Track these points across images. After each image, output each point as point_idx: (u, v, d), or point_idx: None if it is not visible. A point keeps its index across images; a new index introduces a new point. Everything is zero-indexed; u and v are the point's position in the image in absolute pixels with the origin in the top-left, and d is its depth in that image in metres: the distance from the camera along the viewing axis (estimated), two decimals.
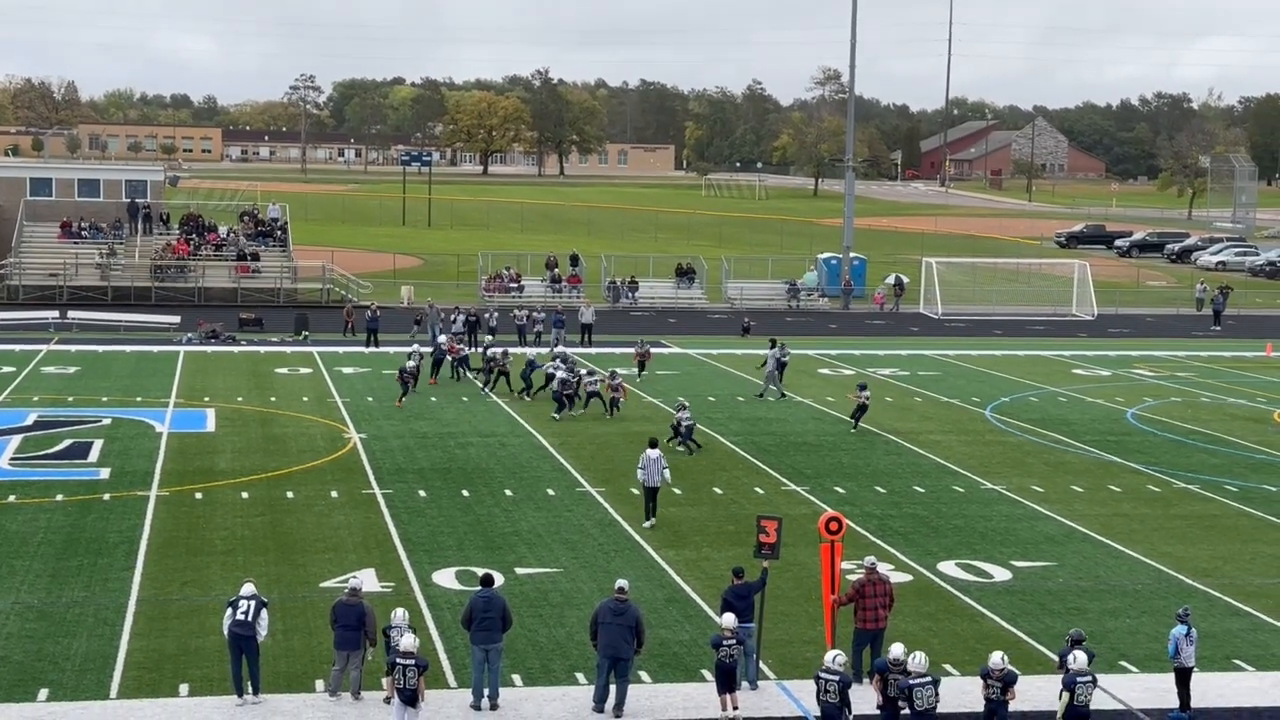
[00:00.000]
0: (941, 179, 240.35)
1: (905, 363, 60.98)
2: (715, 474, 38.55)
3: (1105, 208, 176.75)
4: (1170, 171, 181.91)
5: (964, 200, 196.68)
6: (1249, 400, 52.91)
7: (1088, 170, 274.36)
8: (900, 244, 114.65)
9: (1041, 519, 34.41)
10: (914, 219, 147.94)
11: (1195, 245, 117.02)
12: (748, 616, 23.02)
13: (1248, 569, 30.47)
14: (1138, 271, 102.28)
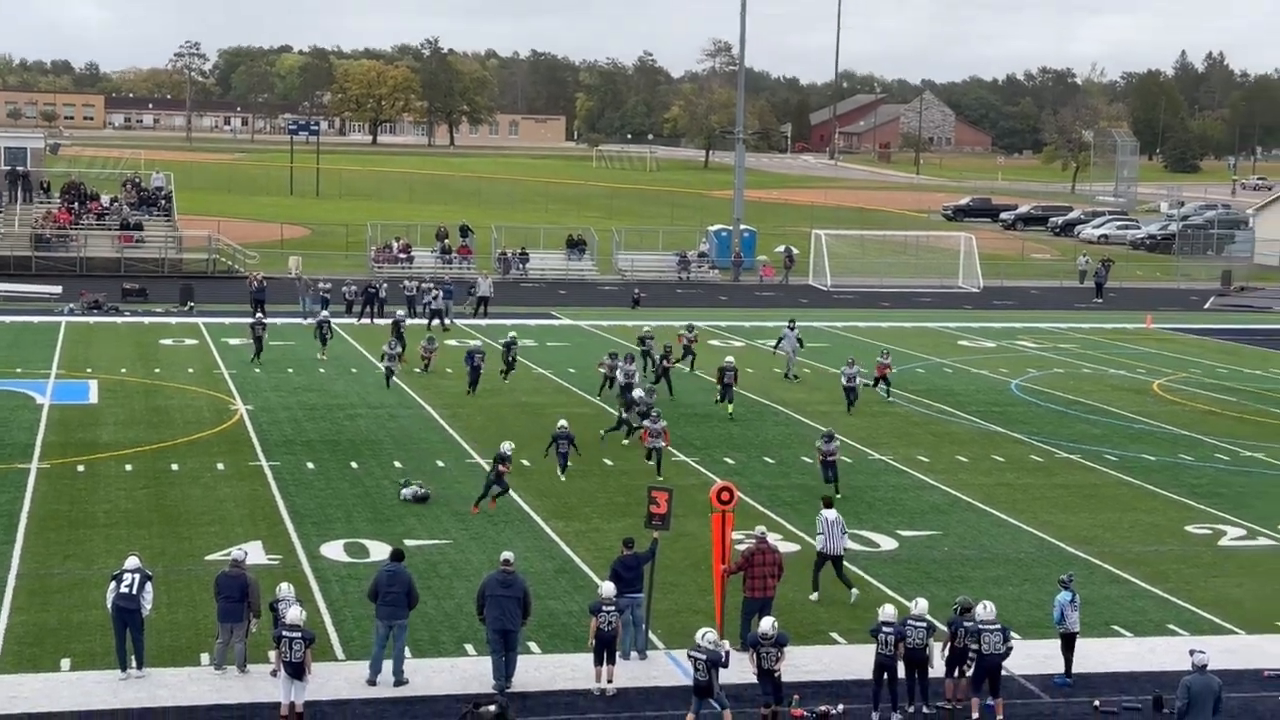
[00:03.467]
0: (831, 152, 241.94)
1: None
2: (605, 445, 38.56)
3: (991, 181, 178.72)
4: (1054, 146, 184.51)
5: (853, 173, 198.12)
6: (1129, 371, 53.84)
7: (974, 144, 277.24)
8: (790, 216, 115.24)
9: (927, 489, 34.82)
10: (803, 191, 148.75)
11: (1078, 218, 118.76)
12: (636, 587, 23.09)
13: (1126, 537, 31.06)
14: (1022, 244, 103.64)
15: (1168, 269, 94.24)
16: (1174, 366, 55.25)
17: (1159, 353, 58.88)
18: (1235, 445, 40.66)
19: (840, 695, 21.77)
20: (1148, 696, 21.82)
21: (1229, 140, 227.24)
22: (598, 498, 33.11)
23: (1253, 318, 73.61)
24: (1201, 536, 31.30)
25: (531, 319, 63.89)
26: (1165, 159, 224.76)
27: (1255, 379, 52.61)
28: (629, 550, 23.43)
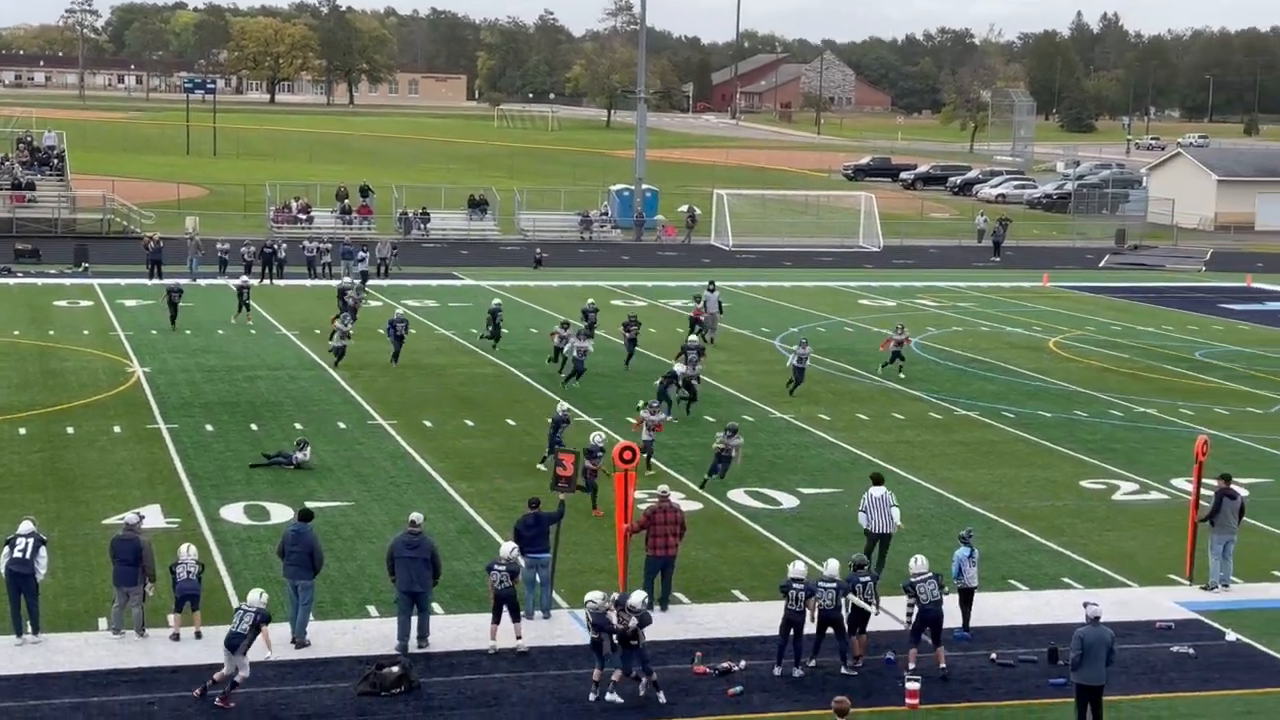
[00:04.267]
0: (732, 111, 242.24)
1: (697, 293, 61.37)
2: (509, 406, 38.54)
3: (891, 141, 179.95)
4: (953, 106, 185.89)
5: (754, 133, 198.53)
6: (1026, 329, 54.52)
7: (874, 104, 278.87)
8: (692, 176, 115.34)
9: (828, 446, 35.10)
10: (705, 151, 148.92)
11: (976, 178, 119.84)
12: (540, 546, 23.09)
13: (1023, 492, 31.50)
14: (922, 204, 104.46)
15: (1064, 228, 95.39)
16: (1070, 324, 56.02)
17: (1055, 310, 59.66)
18: (1128, 401, 41.32)
19: (743, 652, 21.94)
20: (1043, 649, 22.17)
21: (1123, 100, 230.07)
22: (501, 458, 33.07)
23: (1146, 275, 74.75)
24: (1096, 491, 31.82)
25: (433, 279, 63.57)
26: (1061, 119, 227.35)
27: (1148, 336, 53.47)
28: (532, 509, 23.42)
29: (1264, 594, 25.26)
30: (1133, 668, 21.73)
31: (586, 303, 48.32)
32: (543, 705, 19.93)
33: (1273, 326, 56.92)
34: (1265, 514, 29.50)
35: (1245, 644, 23.00)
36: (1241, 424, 38.57)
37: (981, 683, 21.25)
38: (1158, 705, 20.67)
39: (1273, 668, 22.12)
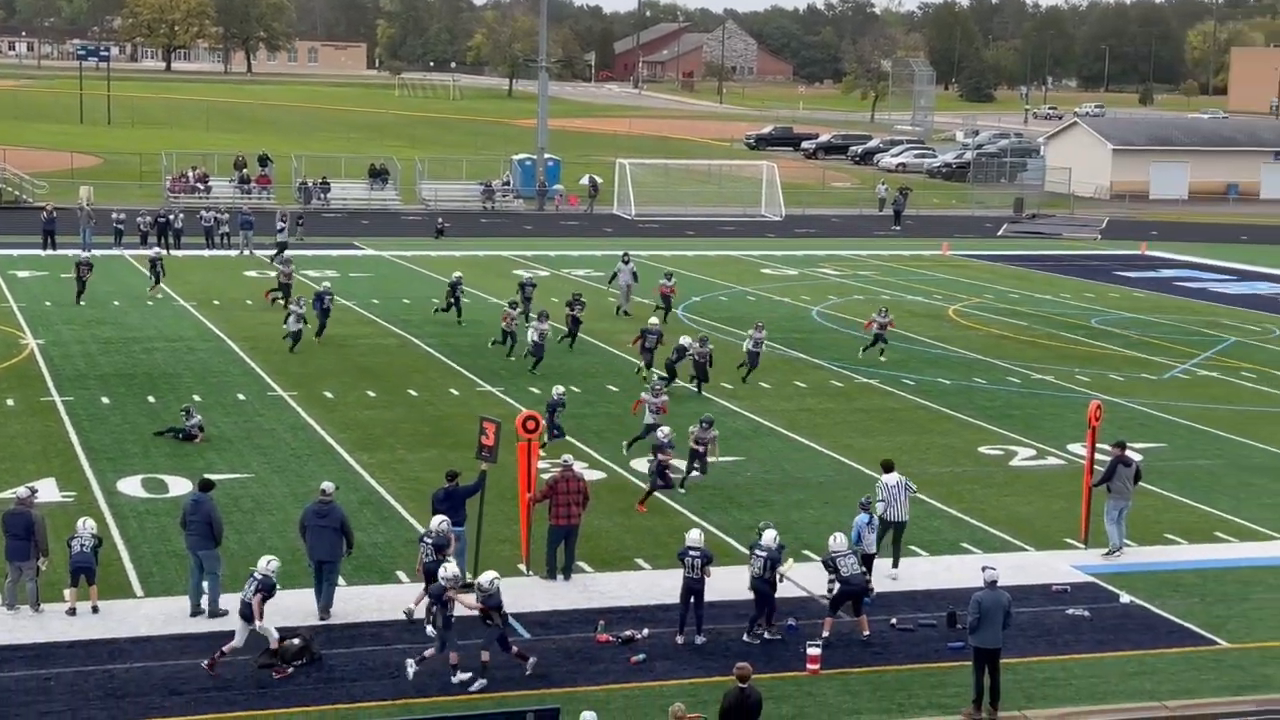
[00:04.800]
0: (635, 81, 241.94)
1: (600, 263, 61.43)
2: (410, 376, 38.35)
3: (793, 110, 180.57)
4: (854, 75, 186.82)
5: (657, 102, 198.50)
6: (926, 297, 54.98)
7: (776, 73, 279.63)
8: (594, 145, 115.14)
9: (731, 415, 35.21)
10: (608, 120, 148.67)
11: (877, 147, 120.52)
12: (455, 519, 22.98)
13: (923, 459, 31.79)
14: (823, 173, 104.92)
15: (963, 197, 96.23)
16: (969, 292, 56.57)
17: (955, 279, 60.21)
18: (1026, 368, 41.81)
19: (646, 620, 22.01)
20: (942, 613, 22.44)
21: (1021, 70, 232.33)
22: (401, 429, 32.92)
23: (1043, 244, 75.59)
24: (994, 457, 32.19)
25: (334, 249, 63.05)
26: (961, 88, 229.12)
27: (1045, 303, 54.11)
28: (450, 482, 23.33)
29: (1157, 557, 25.70)
30: (1029, 630, 22.04)
31: (524, 277, 47.70)
32: (444, 676, 19.88)
33: (1167, 294, 57.81)
34: (1158, 478, 30.00)
35: (1139, 605, 23.40)
36: (1136, 390, 39.15)
37: (881, 647, 21.46)
38: (1053, 667, 20.99)
39: (1165, 628, 22.54)
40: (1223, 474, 31.15)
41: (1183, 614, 23.07)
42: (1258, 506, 28.92)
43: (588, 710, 16.53)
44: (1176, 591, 24.04)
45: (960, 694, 19.70)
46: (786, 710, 19.26)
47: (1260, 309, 54.33)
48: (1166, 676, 20.77)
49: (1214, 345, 46.40)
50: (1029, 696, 19.97)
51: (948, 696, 19.86)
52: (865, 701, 19.68)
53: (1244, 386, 40.28)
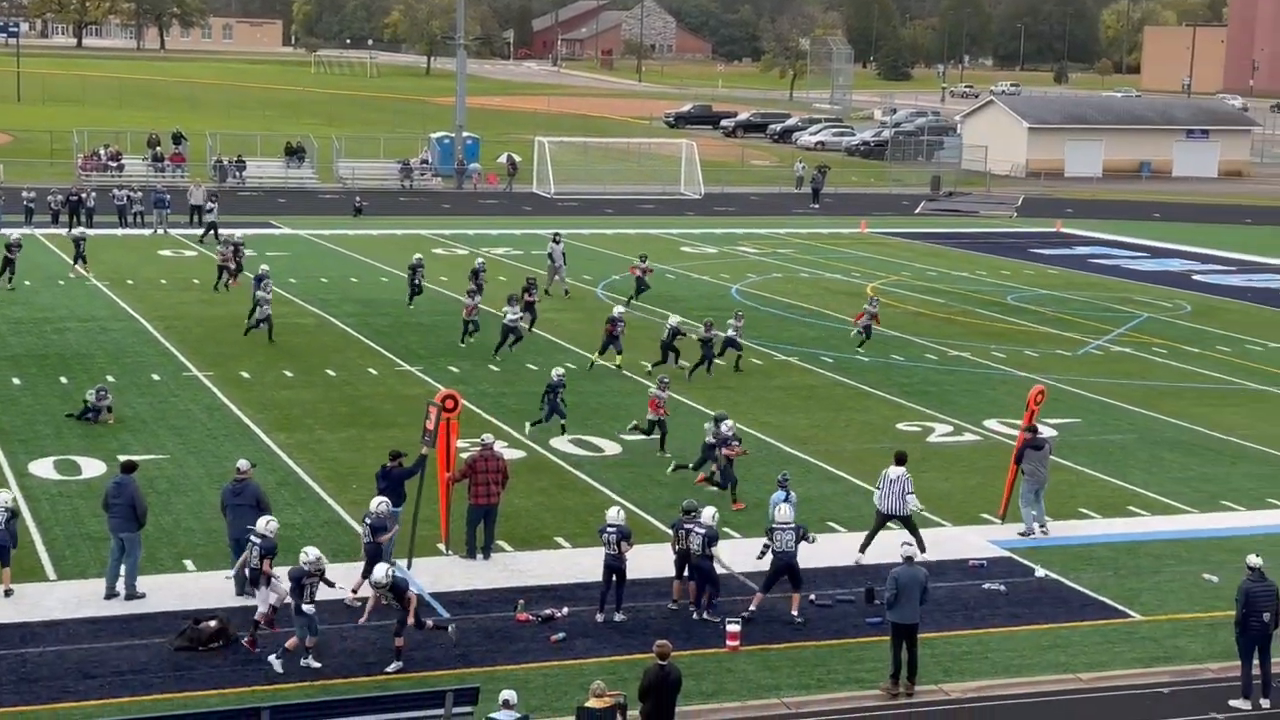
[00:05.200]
0: (553, 58, 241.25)
1: (519, 242, 61.33)
2: (329, 355, 38.10)
3: (712, 88, 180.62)
4: (772, 54, 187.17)
5: (575, 80, 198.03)
6: (845, 275, 55.25)
7: (695, 51, 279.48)
8: (513, 123, 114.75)
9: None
10: (526, 98, 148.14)
11: (796, 126, 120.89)
12: (396, 499, 22.87)
13: (842, 436, 31.99)
14: (742, 151, 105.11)
15: (881, 175, 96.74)
16: (887, 270, 56.90)
17: (873, 256, 60.54)
18: (943, 345, 42.13)
19: (565, 599, 22.02)
20: (860, 589, 22.60)
21: (938, 48, 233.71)
22: (320, 409, 32.71)
23: (960, 222, 76.15)
24: (911, 433, 32.42)
25: (250, 228, 62.40)
26: (878, 67, 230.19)
27: (961, 281, 54.53)
28: (392, 462, 23.26)
29: (1071, 531, 26.00)
30: (946, 605, 22.24)
31: (476, 262, 46.60)
32: (364, 655, 19.81)
33: (1081, 271, 58.42)
34: (1071, 453, 30.34)
35: (1053, 579, 23.68)
36: (1051, 366, 39.54)
37: (801, 623, 21.57)
38: (969, 641, 21.20)
39: (1078, 602, 22.82)
40: (1135, 449, 31.55)
41: (1096, 587, 23.36)
42: (1169, 481, 29.32)
43: (508, 689, 16.51)
44: (1090, 565, 24.33)
45: (878, 669, 19.85)
46: (706, 686, 19.34)
47: (1172, 285, 55.03)
48: (1081, 649, 21.02)
49: (1127, 322, 46.95)
50: (946, 670, 20.16)
51: (865, 671, 20.00)
52: (784, 677, 19.79)
53: (1155, 362, 40.80)
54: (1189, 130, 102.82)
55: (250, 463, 22.66)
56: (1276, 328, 46.52)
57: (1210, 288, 54.78)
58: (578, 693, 18.10)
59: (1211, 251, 64.76)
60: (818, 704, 19.13)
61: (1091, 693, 19.76)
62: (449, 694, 17.15)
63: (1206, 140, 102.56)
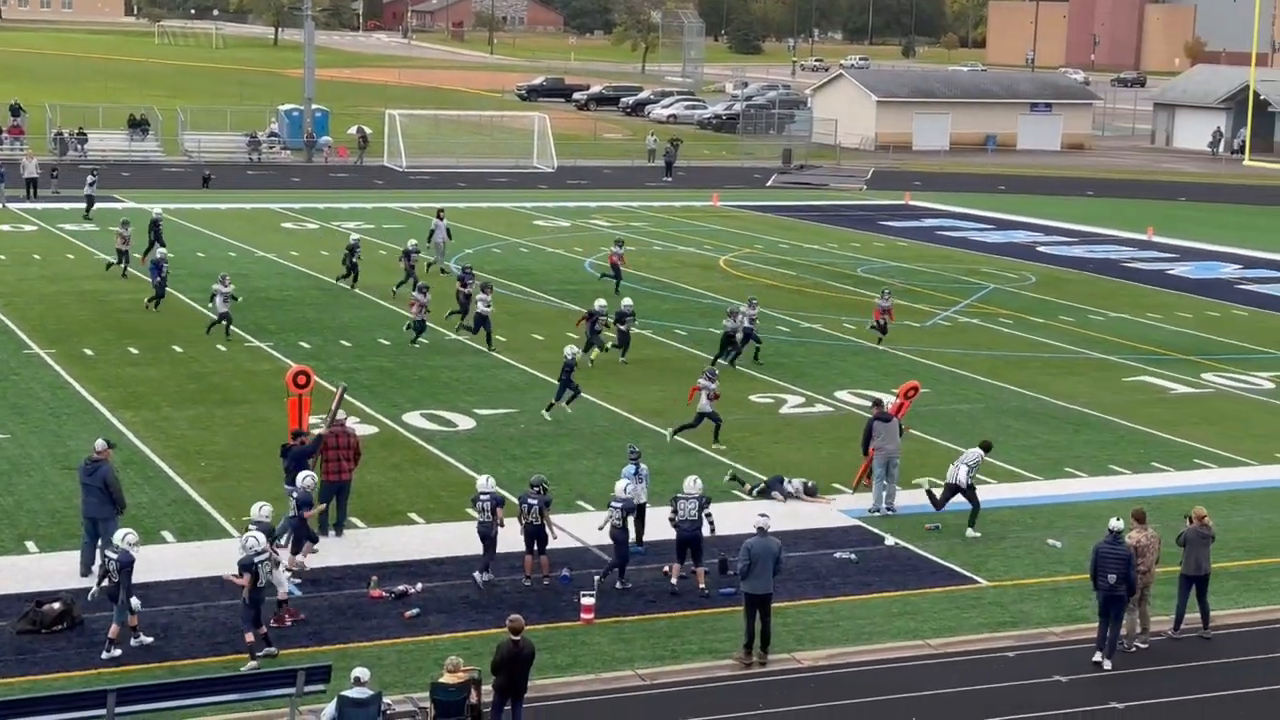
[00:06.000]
0: (404, 30, 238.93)
1: (370, 216, 60.74)
2: (175, 332, 37.45)
3: (564, 61, 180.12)
4: (624, 26, 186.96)
5: (426, 52, 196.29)
6: (697, 248, 55.48)
7: (546, 24, 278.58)
8: (363, 96, 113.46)
9: (504, 367, 35.16)
10: (376, 71, 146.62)
11: (648, 99, 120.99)
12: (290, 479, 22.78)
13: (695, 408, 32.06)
14: (595, 124, 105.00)
15: (733, 148, 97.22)
16: (739, 242, 57.23)
17: (725, 229, 60.85)
18: (795, 318, 42.49)
19: (419, 575, 21.90)
20: (714, 560, 22.74)
21: (788, 22, 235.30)
22: (166, 386, 32.15)
23: (811, 194, 76.80)
24: (764, 405, 32.68)
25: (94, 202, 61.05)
26: (729, 41, 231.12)
27: (813, 253, 55.01)
28: (294, 441, 23.19)
29: (921, 500, 26.35)
30: (799, 574, 22.47)
31: (409, 243, 44.94)
32: (214, 635, 19.54)
33: (929, 243, 59.24)
34: (921, 422, 30.73)
35: (903, 547, 24.03)
36: (900, 337, 40.03)
37: (655, 595, 21.67)
38: (821, 610, 21.45)
39: (927, 569, 23.19)
40: (982, 418, 32.09)
41: (944, 554, 23.75)
42: (1015, 449, 29.87)
43: (360, 667, 16.37)
44: (939, 533, 24.71)
45: (731, 639, 20.01)
46: (561, 659, 19.35)
47: (1017, 257, 56.02)
48: (930, 615, 21.36)
49: (974, 293, 47.72)
50: (798, 639, 20.37)
51: (719, 642, 20.15)
52: (639, 649, 19.86)
53: (1001, 332, 41.52)
54: (1033, 104, 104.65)
55: (108, 442, 22.15)
56: (1117, 298, 47.59)
57: (1054, 259, 55.86)
58: (432, 668, 18.01)
59: (1055, 223, 66.02)
60: (672, 675, 19.23)
61: (940, 658, 20.10)
62: (300, 673, 16.98)
63: (1050, 114, 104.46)
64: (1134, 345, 40.20)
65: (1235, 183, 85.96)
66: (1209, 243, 60.97)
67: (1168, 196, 78.72)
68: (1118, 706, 18.69)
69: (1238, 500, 26.72)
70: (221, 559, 21.86)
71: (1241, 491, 27.51)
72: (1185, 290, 49.67)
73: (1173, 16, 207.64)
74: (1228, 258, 57.43)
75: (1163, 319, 44.24)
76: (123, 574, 18.92)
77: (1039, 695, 18.96)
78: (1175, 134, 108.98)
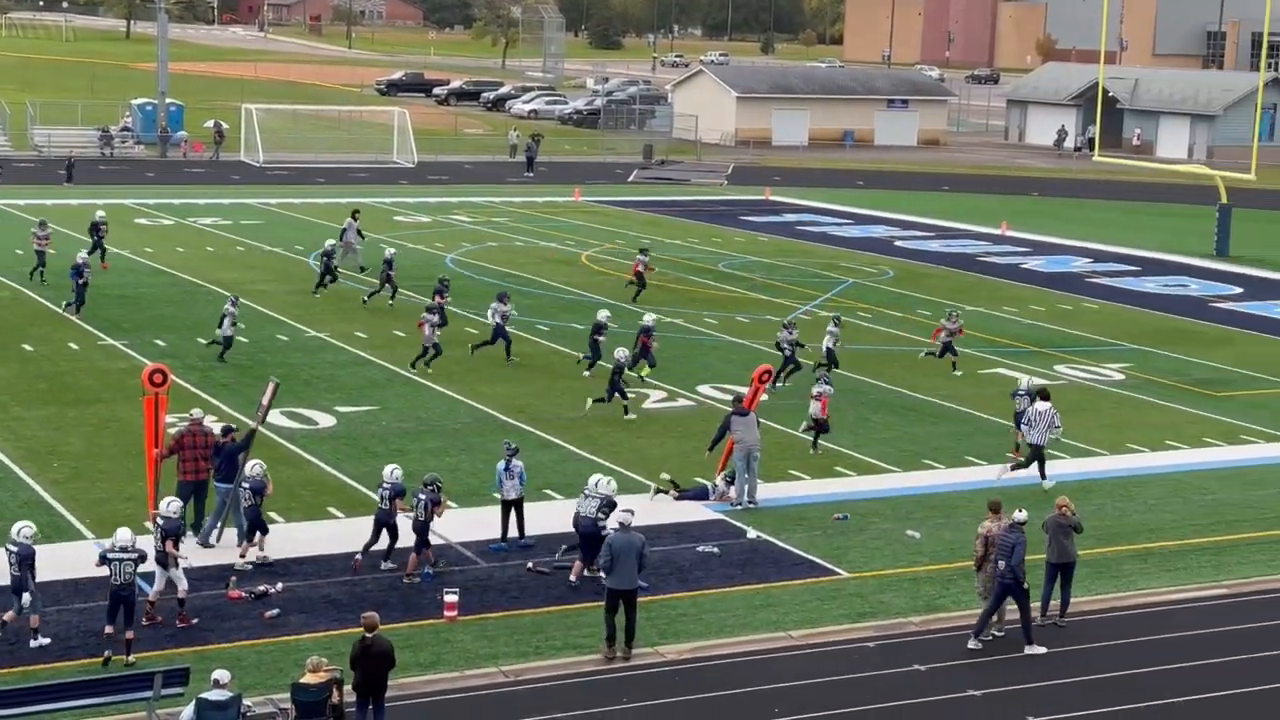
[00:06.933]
0: (260, 24, 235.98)
1: (227, 211, 59.91)
2: (25, 330, 36.66)
3: (424, 56, 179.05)
4: (484, 21, 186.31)
5: (283, 46, 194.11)
6: (559, 243, 55.43)
7: (406, 18, 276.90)
8: (219, 90, 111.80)
9: (365, 364, 34.89)
10: (233, 65, 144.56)
11: (509, 94, 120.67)
12: (221, 476, 22.81)
13: (557, 404, 32.11)
14: (455, 119, 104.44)
15: (594, 143, 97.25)
16: (601, 238, 57.27)
17: (587, 225, 60.86)
18: (657, 312, 42.40)
19: (280, 574, 21.65)
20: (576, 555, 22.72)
21: (648, 18, 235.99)
22: (16, 386, 31.47)
23: (672, 190, 77.07)
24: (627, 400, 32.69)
25: None
26: (590, 36, 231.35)
27: (675, 249, 55.21)
28: (224, 437, 23.10)
29: (781, 493, 26.59)
30: (662, 568, 22.54)
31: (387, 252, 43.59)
32: (68, 639, 19.15)
33: (790, 238, 59.72)
34: (779, 415, 31.01)
35: (765, 540, 24.22)
36: (761, 331, 40.33)
37: (519, 591, 21.64)
38: (685, 603, 21.55)
39: (788, 561, 23.40)
40: (842, 411, 32.35)
41: (806, 546, 23.98)
42: (875, 441, 30.25)
43: (220, 669, 16.14)
44: (800, 525, 24.95)
45: (595, 633, 20.01)
46: (424, 658, 19.24)
47: (876, 251, 56.69)
48: (792, 607, 21.56)
49: (834, 287, 48.21)
50: (662, 633, 20.45)
51: (583, 637, 20.16)
52: (502, 645, 19.82)
53: (861, 326, 41.97)
54: (890, 100, 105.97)
55: None
56: (973, 292, 48.36)
57: (911, 253, 56.61)
58: (293, 669, 17.82)
59: (912, 218, 66.91)
60: (536, 670, 19.21)
61: (802, 649, 20.28)
62: (157, 675, 16.73)
63: (906, 110, 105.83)
64: (990, 338, 40.89)
65: (1086, 178, 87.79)
66: (1061, 237, 62.18)
67: (1021, 191, 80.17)
68: (975, 694, 19.01)
69: (1089, 489, 27.28)
70: (77, 561, 21.46)
71: (1093, 481, 28.11)
72: (1038, 284, 50.61)
73: (1025, 15, 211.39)
74: (1079, 251, 58.62)
75: (1018, 312, 45.04)
76: (23, 567, 18.86)
77: (899, 684, 19.22)
78: (1028, 130, 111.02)
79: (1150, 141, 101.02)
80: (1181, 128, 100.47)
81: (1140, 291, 49.94)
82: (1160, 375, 37.17)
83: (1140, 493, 27.58)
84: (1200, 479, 28.62)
